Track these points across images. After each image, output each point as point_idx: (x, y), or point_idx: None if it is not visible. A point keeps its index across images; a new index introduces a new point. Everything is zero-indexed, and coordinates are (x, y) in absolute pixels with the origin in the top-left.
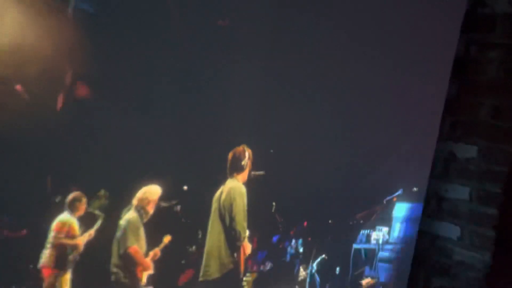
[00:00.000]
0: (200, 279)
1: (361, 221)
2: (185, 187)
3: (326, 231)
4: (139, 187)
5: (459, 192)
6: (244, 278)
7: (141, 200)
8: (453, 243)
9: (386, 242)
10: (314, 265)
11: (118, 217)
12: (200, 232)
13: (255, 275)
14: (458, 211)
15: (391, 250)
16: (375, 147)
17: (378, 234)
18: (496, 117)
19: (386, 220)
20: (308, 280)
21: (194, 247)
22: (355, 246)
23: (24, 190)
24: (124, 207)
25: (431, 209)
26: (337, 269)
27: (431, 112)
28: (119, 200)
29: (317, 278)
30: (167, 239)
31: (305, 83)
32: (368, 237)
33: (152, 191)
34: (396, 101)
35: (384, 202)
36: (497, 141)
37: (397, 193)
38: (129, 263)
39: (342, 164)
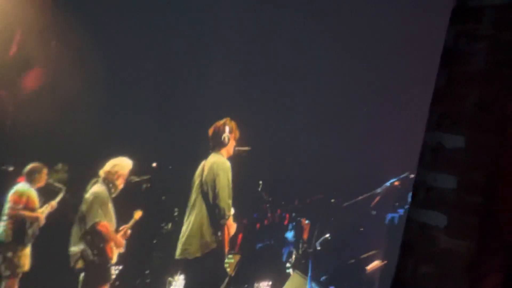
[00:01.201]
0: (177, 257)
1: (367, 203)
2: (154, 164)
3: (326, 211)
4: (106, 160)
5: (447, 181)
6: (226, 260)
7: (109, 173)
8: (440, 231)
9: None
10: (317, 244)
11: (83, 190)
12: (176, 210)
13: (238, 257)
14: (446, 200)
15: None
16: (370, 130)
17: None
18: (483, 108)
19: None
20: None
21: (170, 225)
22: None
23: None
24: (88, 180)
25: (419, 197)
26: (342, 250)
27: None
28: (83, 172)
29: (310, 261)
30: (137, 215)
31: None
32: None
33: (122, 164)
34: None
35: (389, 184)
36: (483, 131)
37: (401, 176)
38: (98, 240)
39: (337, 146)
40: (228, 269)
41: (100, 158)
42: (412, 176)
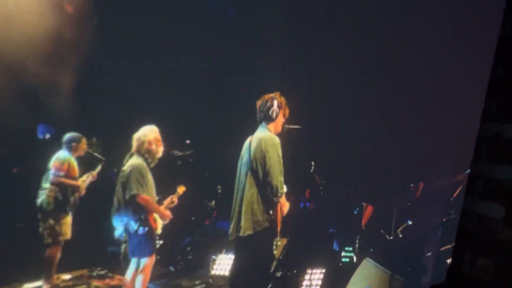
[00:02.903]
0: (230, 237)
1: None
2: (188, 141)
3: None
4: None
5: (506, 172)
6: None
7: (138, 144)
8: (499, 223)
9: None
10: (398, 231)
11: (120, 164)
12: (219, 187)
13: (285, 240)
14: (504, 191)
15: None
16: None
17: None
18: None
19: None
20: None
21: (213, 202)
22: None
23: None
24: (123, 154)
25: (476, 189)
26: (424, 239)
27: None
28: (119, 146)
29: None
30: (181, 189)
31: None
32: None
33: (145, 132)
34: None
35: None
36: None
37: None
38: (139, 211)
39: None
40: (275, 252)
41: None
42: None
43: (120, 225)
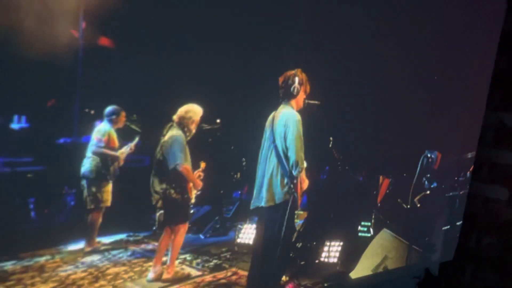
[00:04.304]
0: (252, 206)
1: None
2: (218, 120)
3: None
4: (176, 108)
5: (508, 158)
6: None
7: (184, 118)
8: (503, 204)
9: None
10: (416, 200)
11: (158, 135)
12: (244, 159)
13: (306, 213)
14: (508, 175)
15: None
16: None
17: None
18: None
19: None
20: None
21: (238, 174)
22: None
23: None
24: (160, 127)
25: (482, 173)
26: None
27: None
28: (155, 119)
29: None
30: (203, 164)
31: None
32: None
33: (195, 110)
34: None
35: None
36: None
37: None
38: (180, 180)
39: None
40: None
41: (168, 106)
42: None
43: (159, 192)
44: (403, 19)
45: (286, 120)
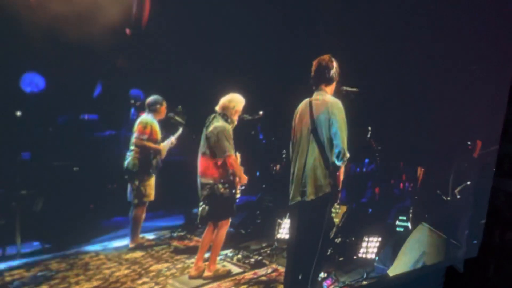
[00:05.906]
0: (291, 202)
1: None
2: (261, 112)
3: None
4: (217, 98)
5: None
6: (333, 210)
7: (227, 108)
8: None
9: None
10: (456, 192)
11: (201, 126)
12: (284, 151)
13: (345, 207)
14: None
15: None
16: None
17: None
18: None
19: None
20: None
21: (278, 166)
22: None
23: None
24: (203, 119)
25: (504, 168)
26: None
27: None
28: (198, 111)
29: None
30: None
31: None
32: None
33: (237, 100)
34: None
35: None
36: None
37: None
38: (229, 172)
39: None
40: (335, 219)
41: (209, 97)
42: None
43: (206, 186)
44: (452, 9)
45: (330, 106)
